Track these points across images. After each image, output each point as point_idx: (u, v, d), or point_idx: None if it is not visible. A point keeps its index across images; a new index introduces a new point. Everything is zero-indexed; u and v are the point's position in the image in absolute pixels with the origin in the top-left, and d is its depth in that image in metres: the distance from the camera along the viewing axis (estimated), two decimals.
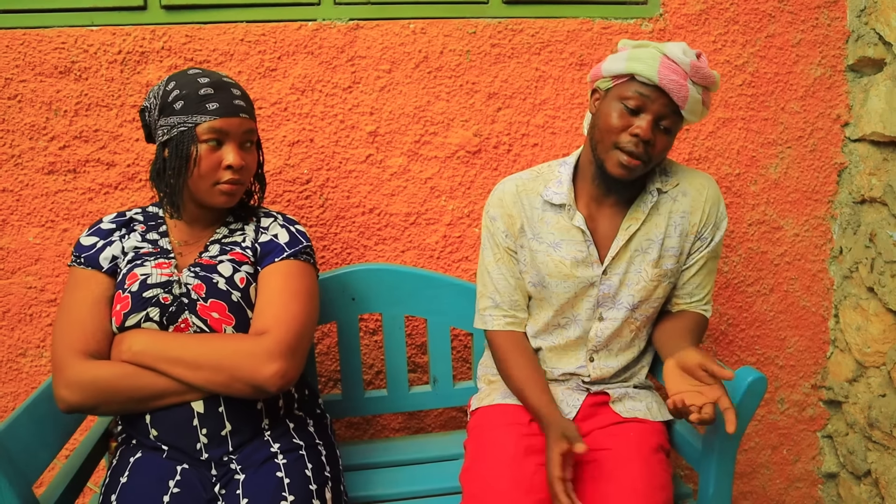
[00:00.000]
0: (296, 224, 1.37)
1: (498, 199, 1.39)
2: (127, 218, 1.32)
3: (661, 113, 1.20)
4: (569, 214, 1.34)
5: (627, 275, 1.34)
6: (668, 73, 1.17)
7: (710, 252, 1.37)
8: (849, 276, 1.93)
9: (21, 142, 1.62)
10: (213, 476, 1.20)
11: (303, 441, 1.27)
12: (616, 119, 1.22)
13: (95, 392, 1.14)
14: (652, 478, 1.21)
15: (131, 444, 1.23)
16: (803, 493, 2.12)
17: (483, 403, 1.44)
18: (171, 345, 1.17)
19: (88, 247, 1.27)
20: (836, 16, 1.83)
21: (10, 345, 1.70)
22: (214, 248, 1.30)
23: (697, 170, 1.40)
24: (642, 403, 1.39)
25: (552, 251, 1.35)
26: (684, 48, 1.19)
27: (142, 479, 1.14)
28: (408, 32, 1.70)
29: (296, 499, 1.14)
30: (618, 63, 1.22)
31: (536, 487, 1.20)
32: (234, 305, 1.23)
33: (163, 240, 1.30)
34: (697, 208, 1.34)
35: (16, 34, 1.57)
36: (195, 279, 1.23)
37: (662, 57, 1.18)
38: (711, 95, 1.35)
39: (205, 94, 1.20)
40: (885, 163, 1.77)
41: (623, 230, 1.32)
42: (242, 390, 1.16)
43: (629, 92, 1.21)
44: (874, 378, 1.85)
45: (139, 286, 1.21)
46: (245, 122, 1.24)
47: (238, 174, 1.24)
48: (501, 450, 1.27)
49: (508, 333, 1.41)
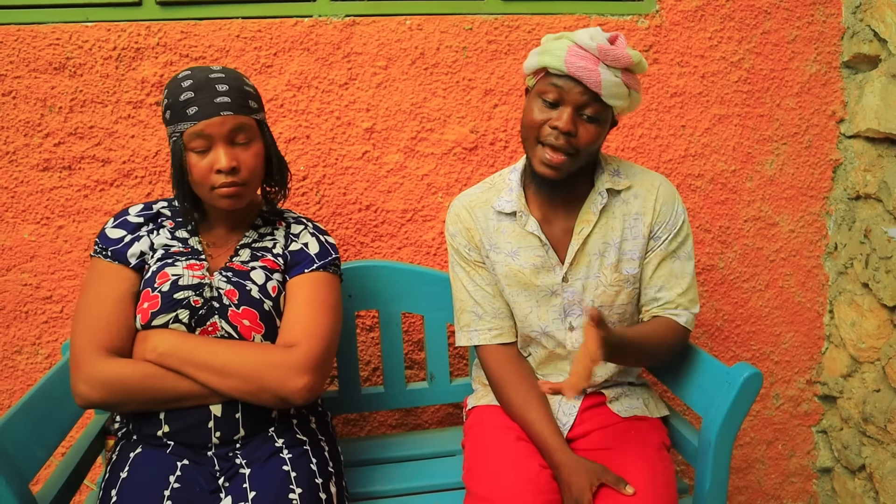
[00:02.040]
0: (325, 234, 1.36)
1: (454, 216, 1.37)
2: (154, 212, 1.30)
3: (579, 102, 1.17)
4: (521, 221, 1.31)
5: (588, 280, 1.31)
6: (575, 60, 1.14)
7: (665, 251, 1.31)
8: (844, 272, 1.94)
9: (16, 138, 1.61)
10: (217, 470, 1.20)
11: (306, 437, 1.27)
12: (537, 114, 1.20)
13: (117, 391, 1.14)
14: (657, 476, 1.21)
15: (132, 440, 1.23)
16: (798, 488, 2.13)
17: (480, 402, 1.44)
18: (199, 349, 1.17)
19: (116, 240, 1.25)
20: (832, 12, 1.83)
21: (5, 342, 1.69)
22: (245, 252, 1.29)
23: (651, 171, 1.37)
24: (639, 400, 1.39)
25: (510, 261, 1.32)
26: (592, 33, 1.16)
27: (142, 474, 1.14)
28: (404, 29, 1.69)
29: (303, 491, 1.15)
30: (532, 58, 1.21)
31: (544, 488, 1.19)
32: (266, 315, 1.23)
33: (192, 239, 1.29)
34: (649, 209, 1.31)
35: (10, 30, 1.57)
36: (227, 284, 1.23)
37: (570, 46, 1.15)
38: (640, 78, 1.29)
39: (185, 99, 1.16)
40: (879, 159, 1.78)
41: (576, 233, 1.30)
42: (269, 400, 1.17)
43: (545, 86, 1.18)
44: (868, 373, 1.86)
45: (170, 286, 1.19)
46: (228, 119, 1.17)
47: (233, 176, 1.18)
48: (502, 450, 1.27)
49: (498, 349, 1.35)
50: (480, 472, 1.25)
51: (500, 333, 1.36)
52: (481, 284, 1.36)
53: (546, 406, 1.30)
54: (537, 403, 1.29)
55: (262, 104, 1.27)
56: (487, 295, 1.36)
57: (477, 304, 1.36)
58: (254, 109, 1.22)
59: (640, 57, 1.18)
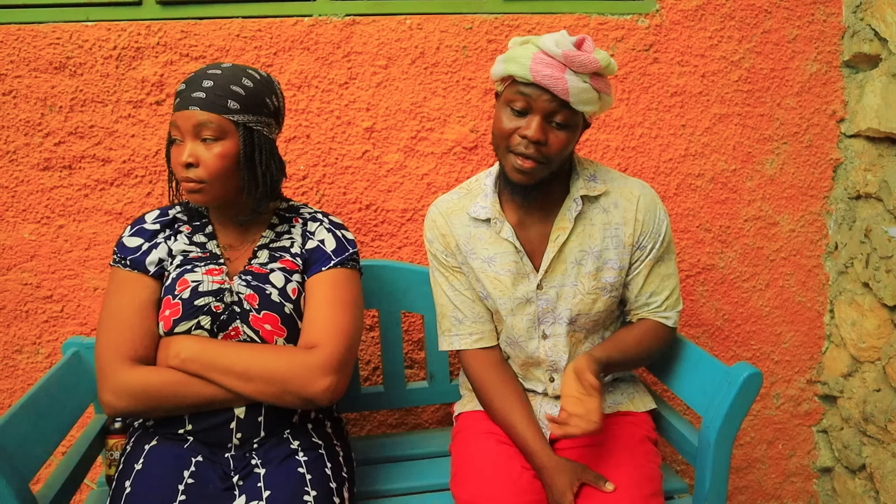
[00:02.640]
0: (342, 228, 1.35)
1: (431, 222, 1.36)
2: (170, 217, 1.30)
3: (548, 110, 1.14)
4: (496, 228, 1.29)
5: (564, 287, 1.30)
6: (541, 67, 1.11)
7: (653, 259, 1.31)
8: (844, 271, 1.94)
9: (16, 138, 1.61)
10: (232, 469, 1.20)
11: (321, 441, 1.28)
12: (505, 122, 1.17)
13: (143, 399, 1.15)
14: (639, 469, 1.22)
15: (148, 431, 1.23)
16: (798, 488, 2.13)
17: (465, 409, 1.44)
18: (222, 354, 1.17)
19: (133, 249, 1.25)
20: (832, 11, 1.83)
21: (5, 341, 1.69)
22: (263, 254, 1.29)
23: (631, 177, 1.35)
24: (624, 395, 1.39)
25: (487, 267, 1.31)
26: (558, 38, 1.12)
27: (156, 466, 1.15)
28: (404, 28, 1.69)
29: (318, 494, 1.15)
30: (498, 66, 1.18)
31: (526, 489, 1.20)
32: (287, 317, 1.24)
33: (210, 243, 1.29)
34: (630, 219, 1.29)
35: (10, 29, 1.57)
36: (247, 289, 1.23)
37: (535, 53, 1.12)
38: (611, 80, 1.28)
39: (179, 90, 1.19)
40: (880, 158, 1.78)
41: (552, 241, 1.28)
42: (293, 402, 1.18)
43: (513, 94, 1.16)
44: (869, 373, 1.86)
45: (191, 293, 1.19)
46: (196, 114, 1.14)
47: (190, 171, 1.16)
48: (484, 454, 1.27)
49: (480, 354, 1.34)
50: (464, 476, 1.26)
51: (480, 338, 1.35)
52: (460, 289, 1.35)
53: (528, 409, 1.30)
54: (519, 406, 1.29)
55: (258, 109, 1.20)
56: (467, 300, 1.35)
57: (457, 309, 1.36)
58: (232, 110, 1.17)
59: (609, 60, 1.15)
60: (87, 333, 1.70)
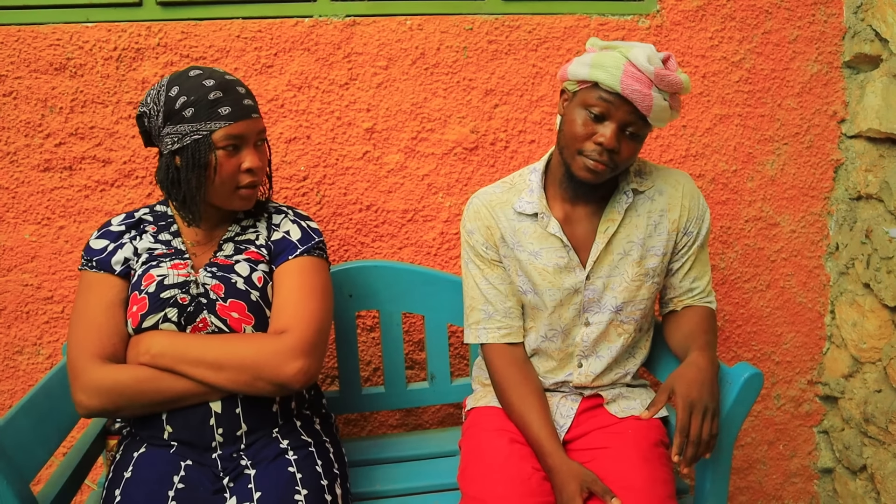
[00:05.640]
0: (307, 220, 1.37)
1: (474, 213, 1.37)
2: (136, 219, 1.31)
3: (625, 120, 1.17)
4: (542, 223, 1.32)
5: (611, 278, 1.32)
6: (631, 82, 1.13)
7: (699, 245, 1.36)
8: (845, 272, 1.94)
9: (16, 139, 1.61)
10: (221, 471, 1.20)
11: (311, 439, 1.28)
12: (580, 126, 1.20)
13: (115, 396, 1.15)
14: (652, 472, 1.21)
15: (136, 439, 1.23)
16: (799, 489, 2.13)
17: (478, 404, 1.44)
18: (191, 346, 1.17)
19: (99, 250, 1.26)
20: (833, 12, 1.83)
21: (6, 342, 1.69)
22: (229, 246, 1.30)
23: (672, 167, 1.38)
24: (637, 401, 1.39)
25: (534, 260, 1.32)
26: (649, 54, 1.14)
27: (146, 473, 1.15)
28: (404, 29, 1.69)
29: (309, 493, 1.15)
30: (582, 68, 1.19)
31: (535, 490, 1.19)
32: (254, 305, 1.24)
33: (175, 240, 1.29)
34: (675, 205, 1.33)
35: (10, 30, 1.57)
36: (213, 279, 1.23)
37: (625, 65, 1.14)
38: (682, 98, 1.33)
39: (215, 99, 1.18)
40: (881, 159, 1.77)
41: (601, 233, 1.31)
42: (265, 389, 1.17)
43: (593, 99, 1.18)
44: (870, 374, 1.85)
45: (156, 287, 1.20)
46: (257, 121, 1.23)
47: (255, 175, 1.24)
48: (496, 452, 1.27)
49: (505, 349, 1.36)
50: (473, 473, 1.26)
51: (508, 333, 1.36)
52: (494, 283, 1.36)
53: (546, 409, 1.30)
54: (537, 405, 1.29)
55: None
56: (500, 294, 1.36)
57: (488, 303, 1.36)
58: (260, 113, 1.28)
59: (688, 81, 1.20)
60: None
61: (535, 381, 1.35)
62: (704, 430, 1.14)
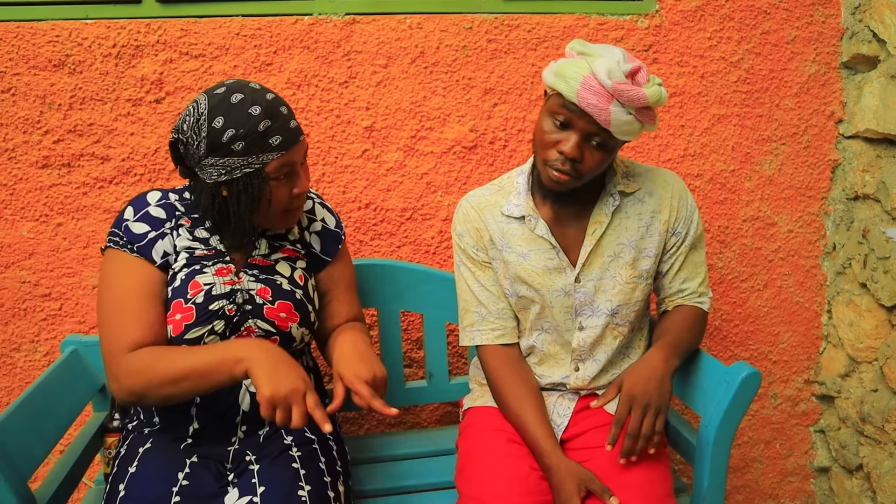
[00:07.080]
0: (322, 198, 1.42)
1: (463, 215, 1.36)
2: (170, 202, 1.25)
3: (588, 131, 1.14)
4: (530, 225, 1.31)
5: (603, 280, 1.31)
6: (587, 95, 1.10)
7: (687, 247, 1.35)
8: (842, 272, 1.94)
9: (15, 135, 1.61)
10: (228, 467, 1.20)
11: (315, 435, 1.28)
12: (546, 133, 1.18)
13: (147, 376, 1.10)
14: (652, 470, 1.21)
15: (144, 434, 1.23)
16: (796, 487, 2.14)
17: (476, 404, 1.44)
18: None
19: (140, 235, 1.19)
20: (831, 13, 1.84)
21: (3, 339, 1.69)
22: (262, 243, 1.28)
23: (660, 168, 1.37)
24: None
25: (523, 261, 1.32)
26: (610, 68, 1.09)
27: (151, 468, 1.14)
28: (404, 27, 1.69)
29: (312, 489, 1.15)
30: (549, 76, 1.17)
31: (532, 490, 1.19)
32: (298, 303, 1.25)
33: (213, 238, 1.25)
34: (665, 205, 1.32)
35: (9, 27, 1.56)
36: (257, 283, 1.23)
37: (585, 77, 1.11)
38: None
39: (265, 130, 1.11)
40: (878, 160, 1.78)
41: (589, 234, 1.29)
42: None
43: (556, 106, 1.16)
44: (866, 373, 1.86)
45: (204, 297, 1.17)
46: (304, 141, 1.19)
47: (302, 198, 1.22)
48: (493, 452, 1.27)
49: (499, 350, 1.35)
50: (470, 473, 1.26)
51: (502, 334, 1.36)
52: (486, 285, 1.36)
53: (542, 408, 1.30)
54: (534, 405, 1.29)
55: None
56: (492, 296, 1.36)
57: (481, 305, 1.36)
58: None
59: (659, 95, 1.13)
60: (85, 332, 1.70)
61: (531, 381, 1.35)
62: (645, 426, 1.16)
